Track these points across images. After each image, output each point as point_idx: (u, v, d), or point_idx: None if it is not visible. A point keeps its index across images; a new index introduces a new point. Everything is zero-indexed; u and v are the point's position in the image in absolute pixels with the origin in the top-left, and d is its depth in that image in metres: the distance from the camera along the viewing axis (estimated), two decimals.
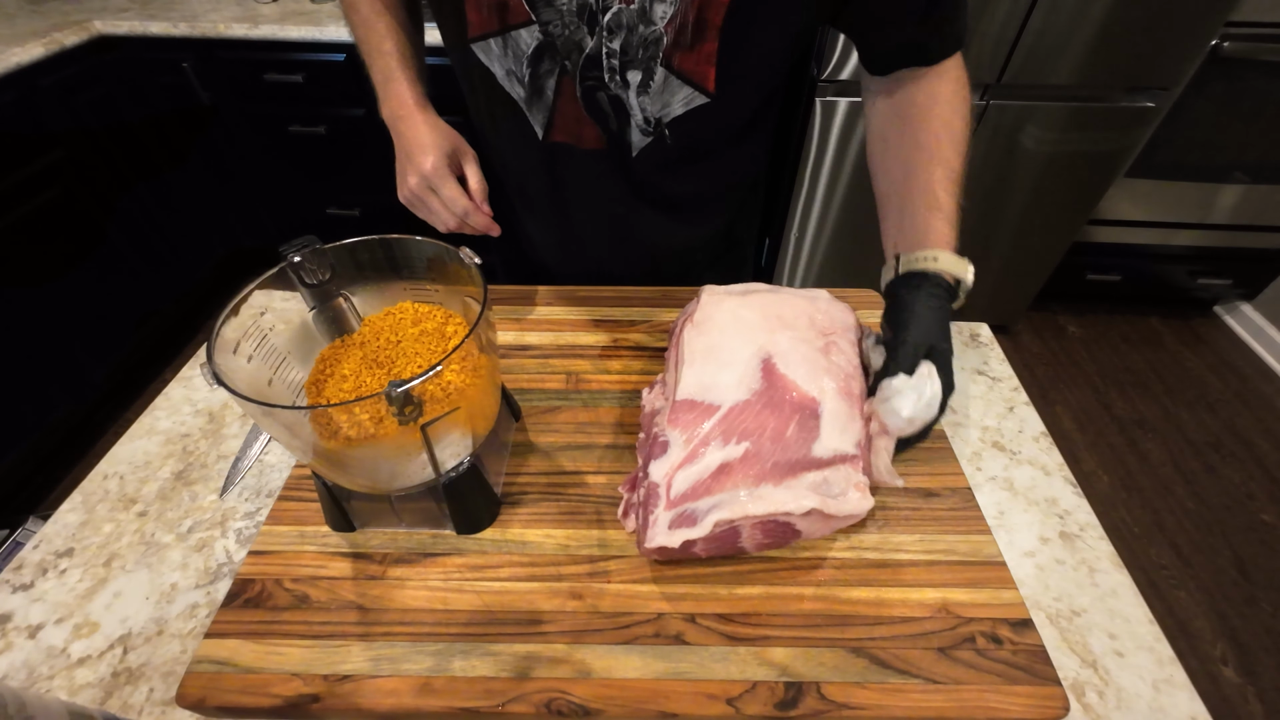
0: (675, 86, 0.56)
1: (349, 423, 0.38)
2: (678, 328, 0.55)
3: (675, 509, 0.41)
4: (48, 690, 0.42)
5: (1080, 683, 0.42)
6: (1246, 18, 1.39)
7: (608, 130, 0.61)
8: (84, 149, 1.52)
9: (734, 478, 0.42)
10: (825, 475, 0.42)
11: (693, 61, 0.54)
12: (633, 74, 0.55)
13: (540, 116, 0.61)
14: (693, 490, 0.41)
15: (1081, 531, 0.51)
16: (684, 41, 0.53)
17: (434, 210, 0.60)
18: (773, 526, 0.42)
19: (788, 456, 0.42)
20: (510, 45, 0.56)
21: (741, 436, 0.43)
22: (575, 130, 0.61)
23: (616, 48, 0.54)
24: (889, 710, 0.38)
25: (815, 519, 0.41)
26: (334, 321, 0.48)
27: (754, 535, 0.42)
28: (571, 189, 0.68)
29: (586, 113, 0.59)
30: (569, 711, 0.38)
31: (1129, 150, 1.57)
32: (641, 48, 0.53)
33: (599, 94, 0.58)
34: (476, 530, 0.48)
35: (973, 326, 0.71)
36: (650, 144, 0.61)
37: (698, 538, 0.40)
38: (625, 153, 0.62)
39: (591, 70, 0.56)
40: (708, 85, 0.56)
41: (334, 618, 0.43)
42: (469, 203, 0.59)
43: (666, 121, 0.59)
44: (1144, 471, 1.59)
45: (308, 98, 1.62)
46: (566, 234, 0.73)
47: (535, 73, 0.57)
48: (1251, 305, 1.99)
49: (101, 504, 0.53)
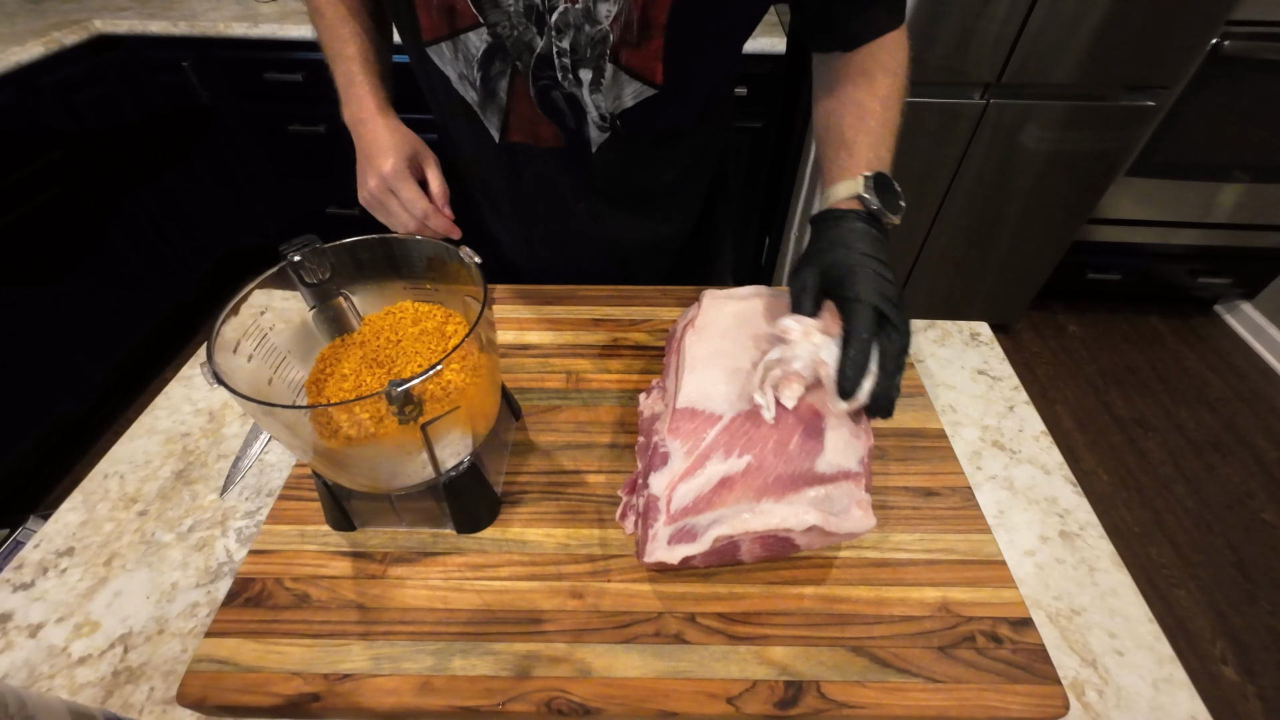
0: (625, 81, 0.56)
1: (349, 422, 0.38)
2: (677, 332, 0.54)
3: (675, 524, 0.41)
4: (49, 689, 0.42)
5: (1080, 681, 0.42)
6: (1246, 17, 1.39)
7: (565, 128, 0.61)
8: (84, 148, 1.52)
9: (735, 492, 0.41)
10: (828, 491, 0.41)
11: (640, 58, 0.54)
12: (584, 72, 0.55)
13: (495, 119, 0.61)
14: (694, 505, 0.41)
15: (1081, 530, 0.51)
16: (630, 39, 0.53)
17: (393, 212, 0.60)
18: (772, 541, 0.41)
19: (790, 470, 0.42)
20: (460, 49, 0.56)
21: (744, 449, 0.42)
22: (532, 130, 0.61)
23: (566, 46, 0.54)
24: (889, 709, 0.38)
25: (815, 534, 0.41)
26: (334, 321, 0.48)
27: (753, 549, 0.42)
28: (533, 188, 0.68)
29: (542, 112, 0.59)
30: (569, 710, 0.38)
31: (1129, 149, 1.57)
32: (590, 46, 0.54)
33: (554, 93, 0.58)
34: (477, 529, 0.48)
35: (973, 325, 0.71)
36: (608, 138, 0.62)
37: (697, 553, 0.40)
38: (585, 149, 0.63)
39: (544, 70, 0.56)
40: (655, 79, 0.56)
41: (334, 617, 0.43)
42: (428, 205, 0.59)
43: (618, 114, 0.59)
44: (1144, 470, 1.59)
45: (307, 97, 1.62)
46: (532, 233, 0.74)
47: (486, 75, 0.57)
48: (1252, 304, 1.99)
49: (102, 503, 0.53)
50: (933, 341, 0.70)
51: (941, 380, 0.65)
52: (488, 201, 0.73)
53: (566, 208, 0.69)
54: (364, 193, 0.61)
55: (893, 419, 0.55)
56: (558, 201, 0.68)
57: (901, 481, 0.51)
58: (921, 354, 0.68)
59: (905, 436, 0.54)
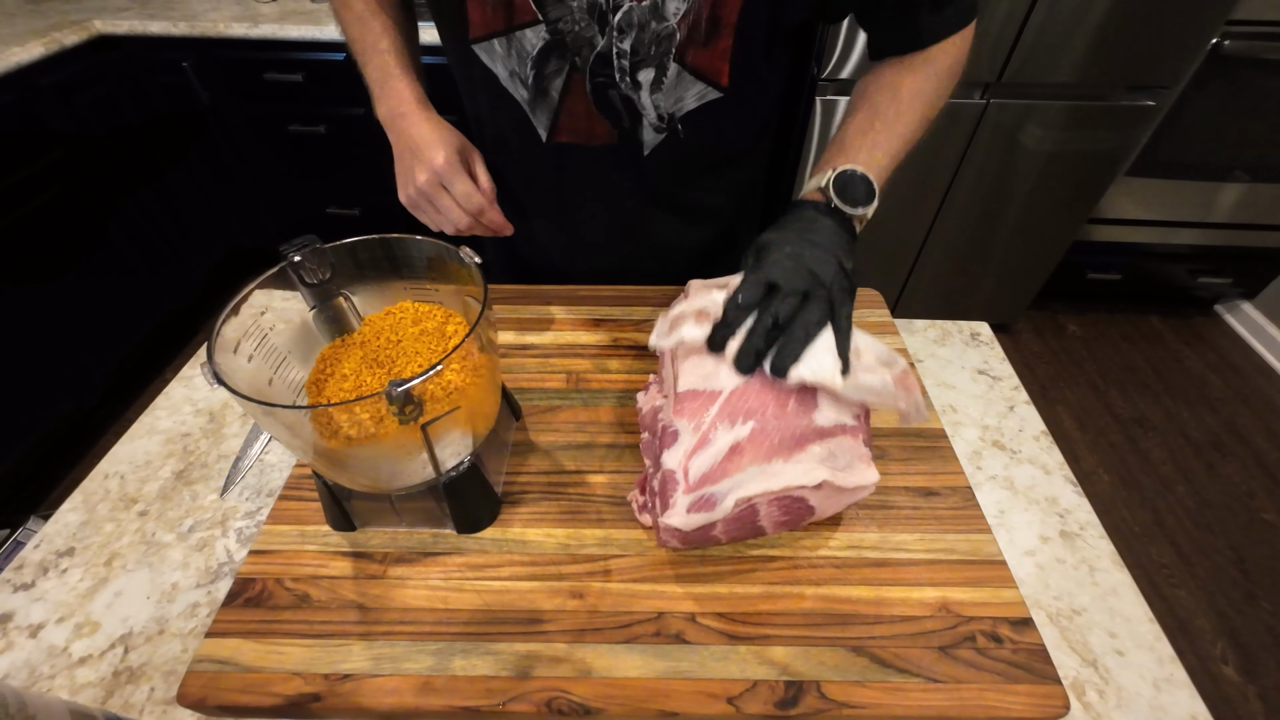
0: (689, 82, 0.56)
1: (349, 422, 0.38)
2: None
3: (694, 493, 0.41)
4: (49, 690, 0.42)
5: (1080, 681, 0.42)
6: (1246, 16, 1.39)
7: (619, 127, 0.60)
8: (84, 149, 1.52)
9: (746, 456, 0.42)
10: (830, 448, 0.43)
11: (707, 58, 0.54)
12: (645, 73, 0.55)
13: (544, 118, 0.60)
14: (710, 474, 0.42)
15: (1082, 530, 0.51)
16: (698, 38, 0.52)
17: (444, 209, 0.57)
18: (789, 503, 0.42)
19: (793, 430, 0.43)
20: (515, 45, 0.55)
21: (746, 416, 0.43)
22: (584, 128, 0.60)
23: (627, 47, 0.53)
24: (889, 709, 0.38)
25: (827, 492, 0.42)
26: (334, 321, 0.48)
27: (771, 513, 0.43)
28: (579, 189, 0.67)
29: (598, 109, 0.59)
30: (569, 710, 0.38)
31: (1129, 149, 1.57)
32: (654, 45, 0.53)
33: (610, 92, 0.57)
34: (477, 529, 0.48)
35: (973, 325, 0.71)
36: (663, 141, 0.61)
37: (719, 519, 0.41)
38: (637, 151, 0.62)
39: (602, 69, 0.55)
40: (721, 80, 0.56)
41: (335, 617, 0.43)
42: (483, 199, 0.57)
43: (680, 116, 0.59)
44: (1144, 470, 1.59)
45: (308, 97, 1.62)
46: (573, 234, 0.73)
47: (540, 73, 0.56)
48: (1252, 304, 1.99)
49: (102, 503, 0.53)
50: (933, 341, 0.70)
51: (941, 380, 0.65)
52: (527, 199, 0.71)
53: (611, 209, 0.69)
54: (410, 190, 0.58)
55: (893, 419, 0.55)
56: (603, 202, 0.68)
57: (902, 481, 0.51)
58: (921, 354, 0.68)
59: (905, 436, 0.54)
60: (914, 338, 0.70)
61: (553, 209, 0.71)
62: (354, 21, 0.61)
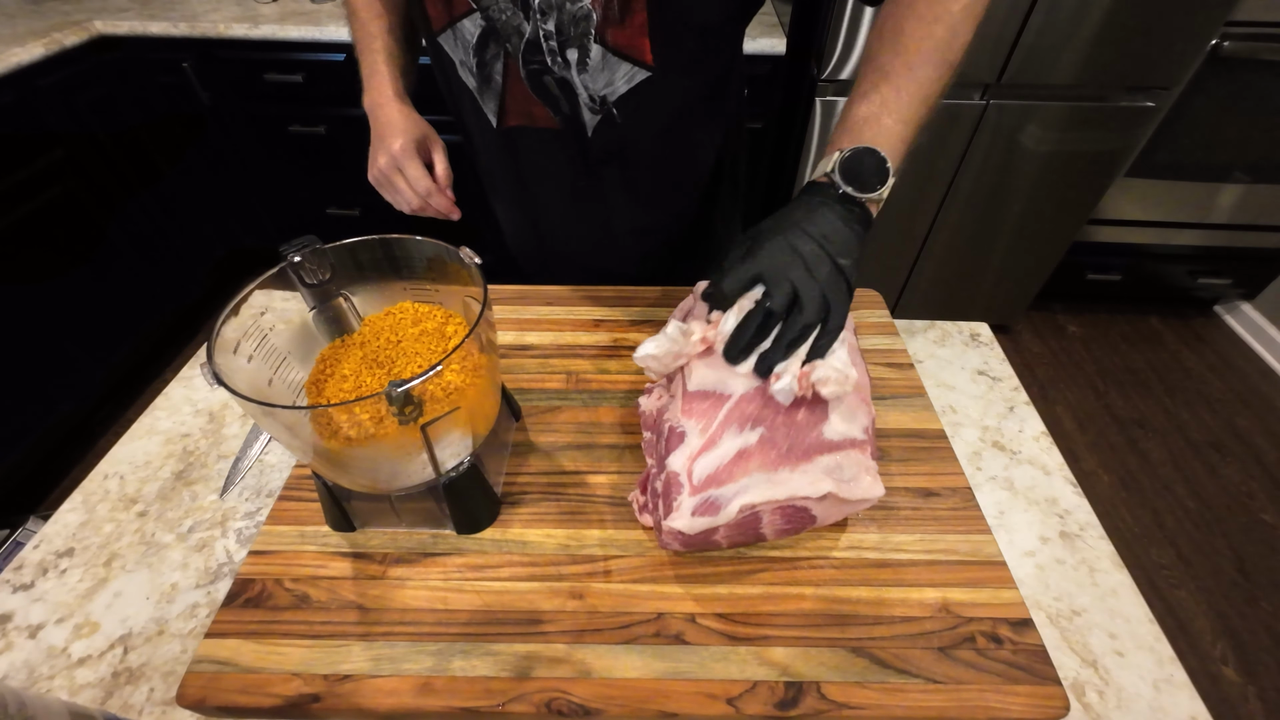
0: (614, 63, 0.57)
1: (349, 423, 0.38)
2: None
3: (699, 495, 0.41)
4: (48, 690, 0.42)
5: (1080, 682, 0.42)
6: (1246, 17, 1.39)
7: (560, 112, 0.62)
8: (84, 149, 1.52)
9: (752, 463, 0.42)
10: (838, 460, 0.43)
11: (626, 36, 0.55)
12: (571, 53, 0.56)
13: (492, 104, 0.63)
14: (714, 476, 0.42)
15: (1081, 531, 0.51)
16: (613, 16, 0.53)
17: (399, 189, 0.62)
18: (791, 511, 0.42)
19: (801, 441, 0.43)
20: (459, 36, 0.58)
21: (755, 422, 0.43)
22: (527, 111, 0.62)
23: (551, 29, 0.55)
24: (889, 710, 0.38)
25: (830, 503, 0.42)
26: (334, 321, 0.48)
27: (774, 520, 0.43)
28: (532, 172, 0.69)
29: (535, 95, 0.60)
30: (569, 711, 0.38)
31: (1129, 150, 1.57)
32: (573, 25, 0.54)
33: (545, 77, 0.59)
34: (477, 530, 0.48)
35: (973, 326, 0.71)
36: (601, 122, 0.62)
37: (721, 524, 0.41)
38: (581, 133, 0.63)
39: (534, 54, 0.57)
40: (645, 58, 0.56)
41: (334, 617, 0.43)
42: (431, 184, 0.62)
43: (613, 100, 0.60)
44: (1144, 471, 1.59)
45: (308, 97, 1.62)
46: (533, 220, 0.75)
47: (481, 60, 0.59)
48: (1252, 305, 1.99)
49: (102, 504, 0.53)
50: (933, 342, 0.70)
51: (941, 381, 0.65)
52: (491, 186, 0.75)
53: (564, 192, 0.70)
54: (374, 170, 0.63)
55: (892, 420, 0.56)
56: (556, 185, 0.69)
57: (902, 482, 0.51)
58: (921, 355, 0.68)
59: (905, 437, 0.54)
60: (914, 338, 0.70)
61: (511, 195, 0.74)
62: (357, 25, 0.66)
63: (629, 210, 0.72)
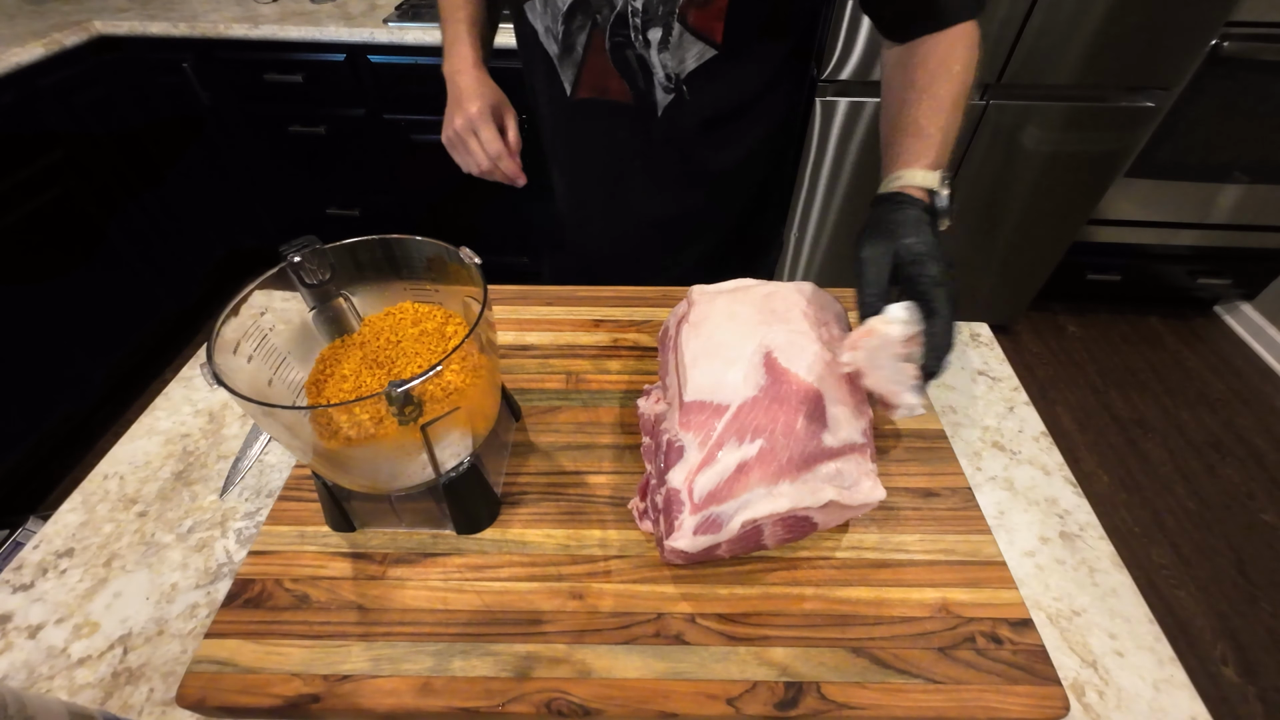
0: (689, 41, 0.60)
1: (349, 423, 0.38)
2: (671, 329, 0.54)
3: (700, 513, 0.41)
4: (48, 690, 0.42)
5: (1080, 682, 0.42)
6: (1246, 18, 1.39)
7: (635, 87, 0.64)
8: (84, 149, 1.52)
9: (753, 476, 0.42)
10: (838, 466, 0.43)
11: (704, 18, 0.58)
12: (653, 32, 0.59)
13: (570, 72, 0.66)
14: (715, 493, 0.41)
15: (1081, 531, 0.51)
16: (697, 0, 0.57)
17: (472, 151, 0.67)
18: (793, 521, 0.42)
19: (802, 450, 0.43)
20: (549, 3, 0.61)
21: (755, 434, 0.43)
22: (602, 83, 0.65)
23: (639, 6, 0.58)
24: (889, 710, 0.38)
25: (832, 509, 0.42)
26: (334, 321, 0.48)
27: (776, 532, 0.43)
28: (596, 146, 0.72)
29: (615, 66, 0.63)
30: (569, 712, 0.38)
31: (1129, 150, 1.57)
32: (660, 5, 0.58)
33: (626, 51, 0.62)
34: (476, 530, 0.48)
35: (973, 326, 0.71)
36: (672, 102, 0.65)
37: (724, 540, 0.41)
38: (650, 112, 0.66)
39: (620, 28, 0.60)
40: (716, 38, 0.60)
41: (334, 618, 0.43)
42: (503, 147, 0.67)
43: (683, 77, 0.63)
44: (1144, 471, 1.59)
45: (308, 98, 1.62)
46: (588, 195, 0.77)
47: (568, 29, 0.62)
48: (1251, 305, 1.99)
49: (102, 504, 0.53)
50: None
51: (941, 381, 0.65)
52: (554, 156, 0.77)
53: (624, 165, 0.72)
54: (448, 131, 0.68)
55: (892, 420, 0.56)
56: (618, 162, 0.72)
57: (902, 482, 0.51)
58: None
59: (905, 437, 0.54)
60: None
61: (570, 167, 0.76)
62: None
63: (686, 199, 0.74)
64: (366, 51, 1.52)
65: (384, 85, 1.57)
